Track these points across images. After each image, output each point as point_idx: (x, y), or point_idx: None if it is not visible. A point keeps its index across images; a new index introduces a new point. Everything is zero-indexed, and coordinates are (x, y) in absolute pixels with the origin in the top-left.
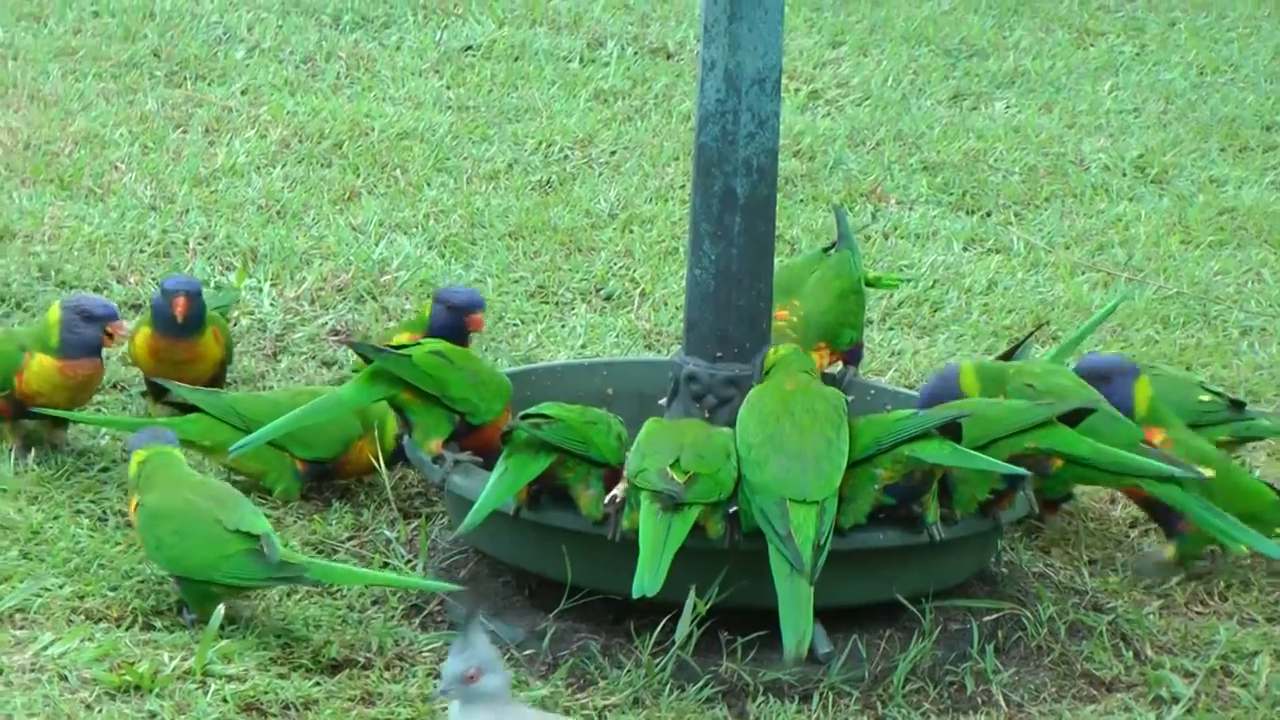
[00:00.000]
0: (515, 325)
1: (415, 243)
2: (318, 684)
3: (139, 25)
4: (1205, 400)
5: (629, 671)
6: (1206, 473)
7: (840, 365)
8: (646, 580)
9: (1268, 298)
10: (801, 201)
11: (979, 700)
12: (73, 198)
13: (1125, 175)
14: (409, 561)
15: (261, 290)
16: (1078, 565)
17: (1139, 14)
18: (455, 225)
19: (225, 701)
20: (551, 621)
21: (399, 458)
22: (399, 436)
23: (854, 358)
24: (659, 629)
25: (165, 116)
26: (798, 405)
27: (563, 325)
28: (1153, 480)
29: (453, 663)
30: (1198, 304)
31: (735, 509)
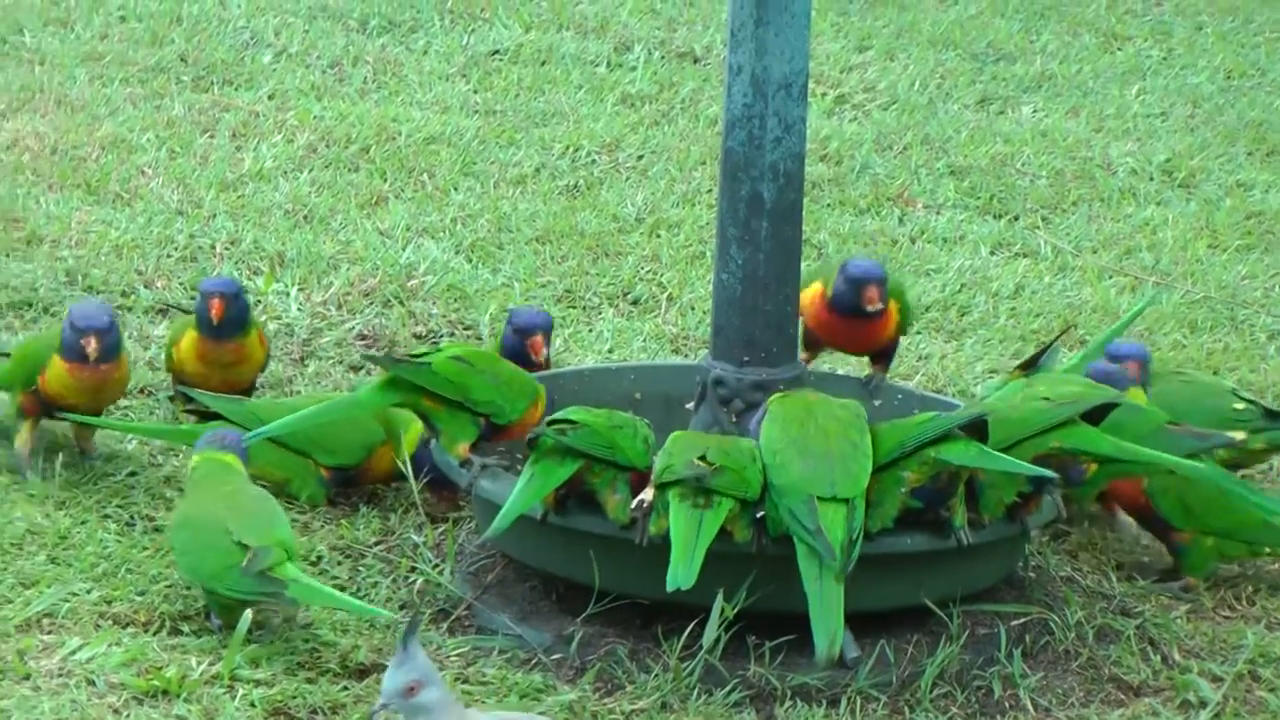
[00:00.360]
0: None
1: (442, 247)
2: (345, 688)
3: (166, 30)
4: (1239, 408)
5: (657, 676)
6: (1238, 436)
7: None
8: (680, 574)
9: None
10: (828, 206)
11: (1006, 705)
12: (100, 202)
13: (1152, 179)
14: (436, 566)
15: (289, 295)
16: (1105, 570)
17: (1166, 18)
18: (482, 230)
19: (253, 706)
20: (579, 626)
21: (423, 465)
22: (425, 441)
23: (886, 355)
24: (687, 633)
25: (192, 121)
26: (820, 411)
27: (590, 329)
28: (1182, 465)
29: (391, 676)
30: (1225, 308)
31: (762, 514)
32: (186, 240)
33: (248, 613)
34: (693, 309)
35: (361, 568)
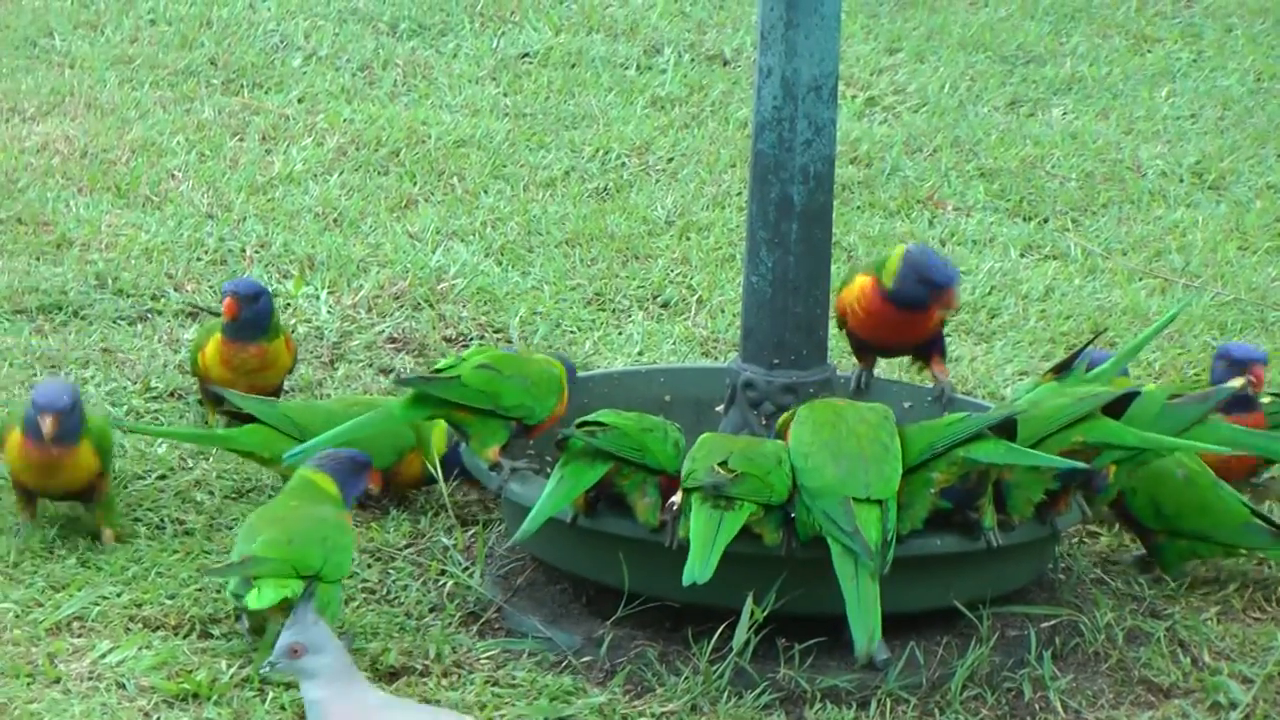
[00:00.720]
0: (572, 333)
1: (472, 250)
2: None
3: (196, 33)
4: (1266, 403)
5: (687, 678)
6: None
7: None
8: (697, 569)
9: None
10: (858, 208)
11: (1036, 707)
12: (130, 206)
13: (1182, 181)
14: (466, 568)
15: (318, 298)
16: (1135, 571)
17: (1196, 20)
18: (512, 233)
19: (283, 709)
20: (609, 628)
21: (453, 466)
22: (456, 444)
23: (935, 348)
24: (716, 636)
25: (222, 124)
26: (849, 414)
27: (620, 332)
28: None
29: (281, 637)
30: (1255, 310)
31: (793, 516)
32: (216, 243)
33: (278, 616)
34: (722, 312)
35: (392, 570)
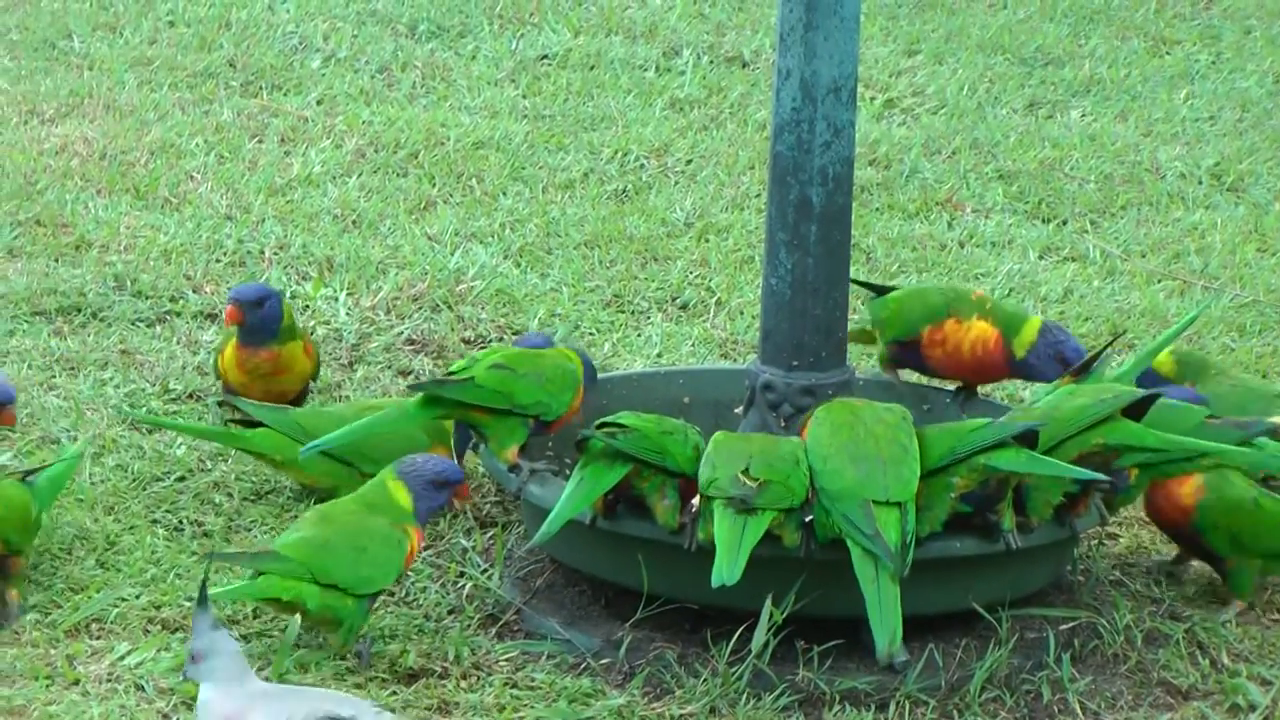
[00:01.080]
0: (591, 334)
1: (491, 252)
2: (394, 693)
3: (214, 35)
4: None
5: (705, 680)
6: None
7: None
8: (725, 571)
9: None
10: (877, 210)
11: (1055, 709)
12: (148, 207)
13: (1201, 183)
14: (485, 570)
15: (337, 300)
16: (1154, 574)
17: (1215, 22)
18: (531, 234)
19: None
20: (628, 630)
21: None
22: (474, 446)
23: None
24: (735, 638)
25: (241, 126)
26: (867, 416)
27: (638, 334)
28: (1229, 454)
29: (188, 645)
30: (1274, 312)
31: (810, 518)
32: (235, 245)
33: (295, 618)
34: (741, 313)
35: (410, 572)
